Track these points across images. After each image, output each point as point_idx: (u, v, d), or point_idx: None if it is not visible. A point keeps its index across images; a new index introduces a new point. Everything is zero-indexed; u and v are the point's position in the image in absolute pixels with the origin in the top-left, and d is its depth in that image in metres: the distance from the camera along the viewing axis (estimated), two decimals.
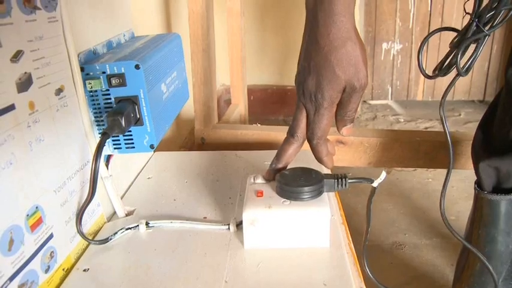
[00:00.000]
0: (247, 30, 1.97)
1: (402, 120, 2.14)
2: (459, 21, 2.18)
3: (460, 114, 2.20)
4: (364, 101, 2.33)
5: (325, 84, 0.56)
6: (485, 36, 0.75)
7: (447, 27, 0.85)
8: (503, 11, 0.73)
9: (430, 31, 0.80)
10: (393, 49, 2.25)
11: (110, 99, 0.66)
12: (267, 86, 2.08)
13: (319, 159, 0.63)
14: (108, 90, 0.66)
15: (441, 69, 0.82)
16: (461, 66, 0.81)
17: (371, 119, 2.16)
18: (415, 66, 2.25)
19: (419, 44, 0.85)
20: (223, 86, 2.05)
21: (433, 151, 1.08)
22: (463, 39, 0.77)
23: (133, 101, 0.67)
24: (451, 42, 0.81)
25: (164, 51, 0.79)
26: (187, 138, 1.30)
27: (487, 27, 0.76)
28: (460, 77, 0.72)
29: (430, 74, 0.75)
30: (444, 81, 2.22)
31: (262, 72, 2.08)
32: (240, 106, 1.53)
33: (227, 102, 1.91)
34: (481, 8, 0.77)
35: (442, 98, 0.86)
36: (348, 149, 1.08)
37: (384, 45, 2.24)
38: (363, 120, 2.14)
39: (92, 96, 0.66)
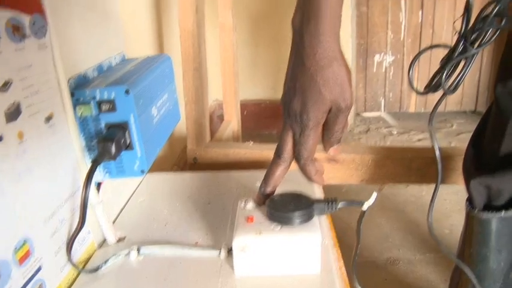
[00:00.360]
0: (240, 44, 1.98)
1: (395, 132, 2.14)
2: (450, 32, 2.20)
3: (452, 125, 2.21)
4: (358, 114, 2.34)
5: (311, 105, 0.56)
6: (473, 55, 0.75)
7: (438, 45, 0.85)
8: (491, 30, 0.74)
9: (422, 46, 0.82)
10: (385, 61, 2.26)
11: (101, 124, 0.66)
12: (260, 101, 2.08)
13: (309, 179, 0.63)
14: (98, 115, 0.66)
15: (431, 87, 0.82)
16: (450, 83, 0.82)
17: (364, 131, 2.16)
18: (407, 78, 2.25)
19: (410, 62, 0.86)
20: (216, 101, 2.05)
21: (425, 167, 1.09)
22: (451, 57, 0.77)
23: (123, 126, 0.67)
24: (442, 60, 0.82)
25: (155, 74, 0.79)
26: (180, 156, 1.30)
27: (475, 45, 0.77)
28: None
29: (421, 89, 0.76)
30: (437, 93, 2.23)
31: (256, 86, 2.09)
32: (232, 122, 1.53)
33: (220, 118, 1.91)
34: (469, 27, 0.77)
35: (431, 113, 0.87)
36: (340, 167, 1.08)
37: (376, 57, 2.25)
38: (356, 134, 2.14)
39: (82, 122, 0.66)
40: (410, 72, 0.85)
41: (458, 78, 0.78)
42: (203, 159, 1.11)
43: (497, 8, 0.74)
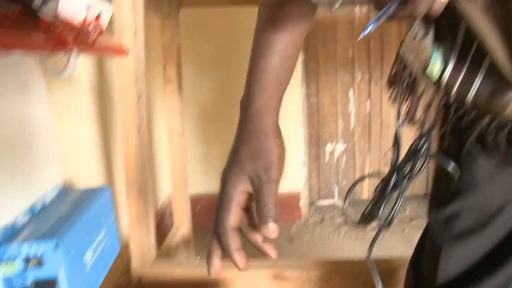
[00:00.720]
0: (191, 141, 1.99)
1: (350, 220, 2.16)
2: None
3: (405, 210, 2.24)
4: (312, 203, 2.35)
5: (231, 172, 0.57)
6: (405, 188, 0.78)
7: (373, 174, 0.88)
8: (419, 161, 0.77)
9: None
10: (337, 150, 2.31)
11: (27, 281, 0.64)
12: (214, 195, 2.08)
13: (228, 254, 0.58)
14: (25, 272, 0.64)
15: (366, 218, 0.84)
16: (385, 216, 0.84)
17: (318, 222, 2.17)
18: (359, 165, 2.31)
19: (345, 194, 0.88)
20: (169, 198, 2.04)
21: (371, 280, 1.09)
22: (385, 191, 0.80)
23: (52, 282, 0.65)
24: (376, 188, 0.84)
25: (91, 214, 0.78)
26: (126, 267, 1.26)
27: (407, 177, 0.79)
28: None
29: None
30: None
31: (208, 180, 2.09)
32: (182, 227, 1.52)
33: (172, 216, 1.89)
34: (400, 160, 0.80)
35: (370, 248, 0.88)
36: (286, 284, 1.07)
37: (328, 146, 2.30)
38: (311, 224, 2.14)
39: (7, 280, 0.64)
40: (346, 204, 0.86)
41: (393, 212, 0.80)
42: (148, 280, 1.08)
43: (426, 144, 0.78)
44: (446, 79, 0.70)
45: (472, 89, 0.68)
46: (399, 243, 1.95)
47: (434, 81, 0.72)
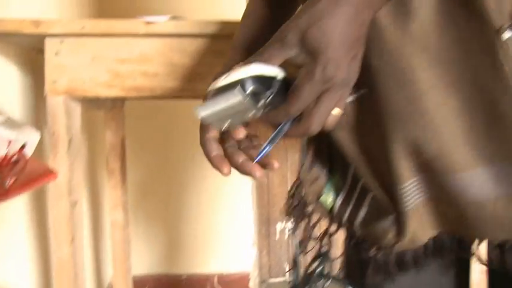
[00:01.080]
0: (135, 222, 1.99)
1: None
2: None
3: None
4: (263, 281, 2.37)
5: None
6: None
7: None
8: (318, 285, 0.83)
9: None
10: (287, 228, 2.35)
11: None
12: (160, 276, 2.08)
13: (209, 161, 0.60)
14: None
15: None
16: None
17: None
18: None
19: None
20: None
21: None
22: None
23: None
24: None
25: None
26: None
27: None
28: None
29: None
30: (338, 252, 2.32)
31: (154, 261, 2.09)
32: None
33: None
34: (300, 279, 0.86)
35: None
36: None
37: (278, 225, 2.35)
38: None
39: None
40: None
41: None
42: None
43: (319, 268, 0.83)
44: (337, 208, 0.76)
45: (358, 217, 0.74)
46: None
47: (328, 209, 0.78)
